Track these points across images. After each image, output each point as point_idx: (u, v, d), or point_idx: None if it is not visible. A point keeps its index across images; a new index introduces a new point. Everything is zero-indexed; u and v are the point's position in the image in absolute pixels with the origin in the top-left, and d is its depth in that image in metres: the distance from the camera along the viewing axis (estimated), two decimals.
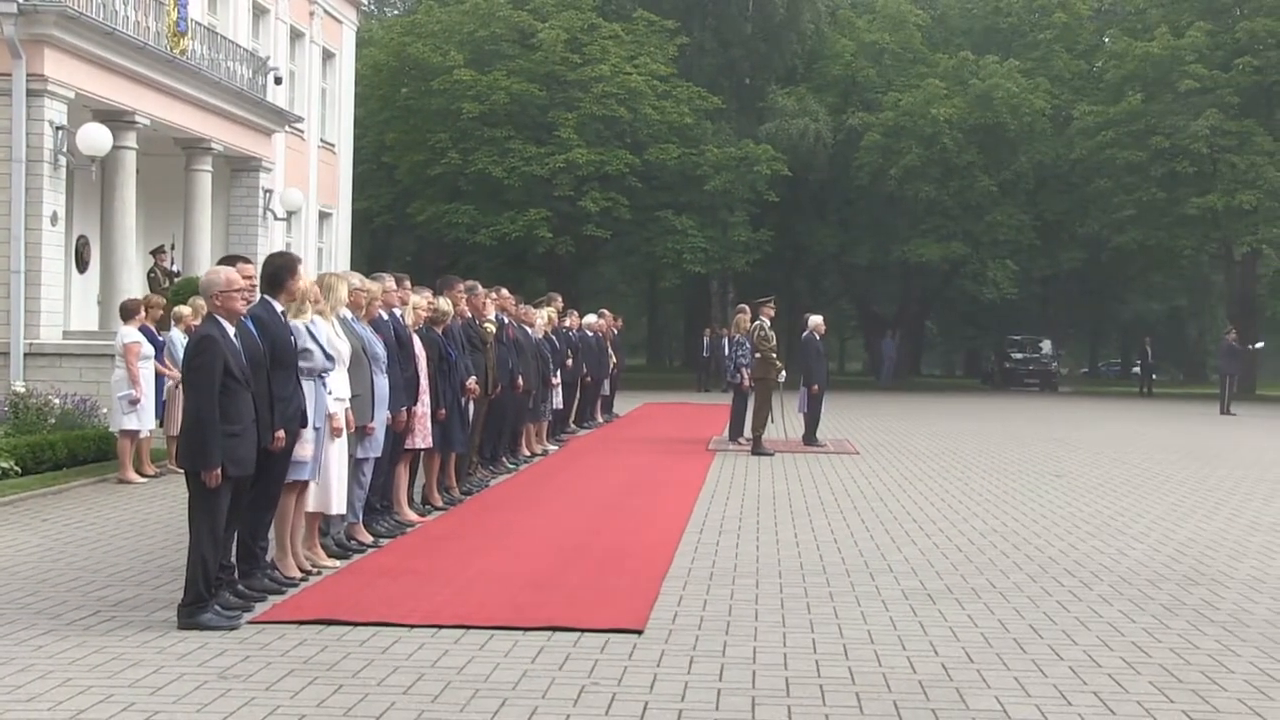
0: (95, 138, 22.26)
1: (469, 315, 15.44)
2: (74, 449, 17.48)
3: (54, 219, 22.34)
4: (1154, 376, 57.78)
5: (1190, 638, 9.05)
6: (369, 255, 49.70)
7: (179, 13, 25.60)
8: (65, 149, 22.26)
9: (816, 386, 23.76)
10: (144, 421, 16.77)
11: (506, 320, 17.64)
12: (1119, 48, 53.14)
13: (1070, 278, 56.86)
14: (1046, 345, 58.86)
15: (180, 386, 12.18)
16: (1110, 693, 7.61)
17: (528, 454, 19.84)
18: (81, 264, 25.98)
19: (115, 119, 23.66)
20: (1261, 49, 49.92)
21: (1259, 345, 48.55)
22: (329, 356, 10.18)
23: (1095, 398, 51.45)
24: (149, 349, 16.81)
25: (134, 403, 16.46)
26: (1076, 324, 67.70)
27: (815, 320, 24.21)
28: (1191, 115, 48.75)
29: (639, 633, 8.79)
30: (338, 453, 10.55)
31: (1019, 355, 57.59)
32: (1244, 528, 14.56)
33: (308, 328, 9.96)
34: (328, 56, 39.64)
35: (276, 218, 32.18)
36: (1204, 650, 8.67)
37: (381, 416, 11.55)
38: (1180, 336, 71.35)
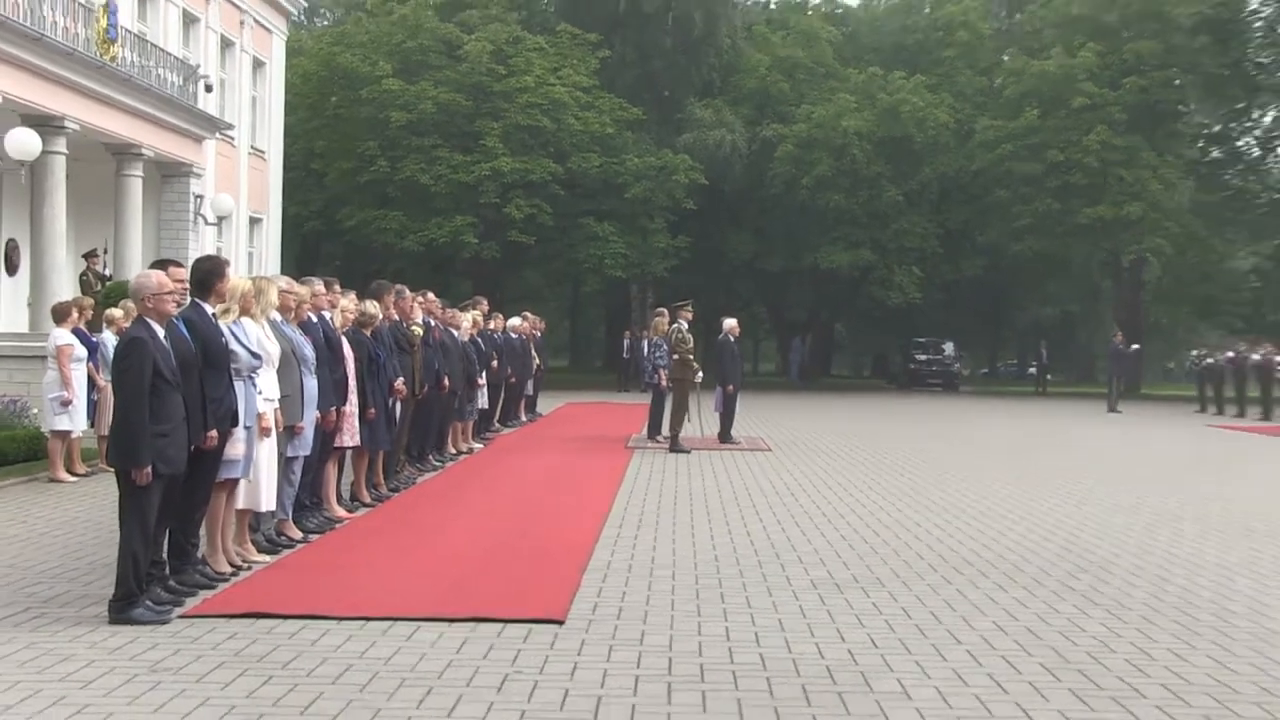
0: (24, 142, 21.95)
1: (396, 318, 15.41)
2: (4, 449, 17.17)
3: None
4: (1048, 377, 58.58)
5: (1077, 621, 9.17)
6: (298, 260, 49.25)
7: (109, 20, 25.33)
8: None
9: (731, 386, 23.84)
10: (75, 422, 16.53)
11: (433, 323, 17.54)
12: (1017, 66, 53.66)
13: (972, 284, 57.31)
14: (949, 347, 59.31)
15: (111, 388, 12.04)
16: (1004, 674, 7.71)
17: (454, 452, 19.78)
18: (10, 267, 25.78)
19: (44, 124, 23.37)
20: (1146, 69, 50.64)
21: (1135, 348, 49.19)
22: (255, 356, 10.07)
23: (994, 397, 51.89)
24: (81, 351, 16.62)
25: (66, 404, 16.25)
26: (977, 327, 68.17)
27: (730, 323, 24.28)
28: (1083, 130, 49.35)
29: (560, 623, 8.79)
30: (268, 451, 10.47)
31: (923, 357, 58.02)
32: (1125, 519, 14.71)
33: (230, 329, 9.84)
34: (258, 65, 39.50)
35: (207, 223, 31.98)
36: (1089, 633, 8.80)
37: (310, 416, 11.50)
38: (1072, 340, 72.10)
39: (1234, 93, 55.01)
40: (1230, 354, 42.18)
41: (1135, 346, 49.76)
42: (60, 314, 17.00)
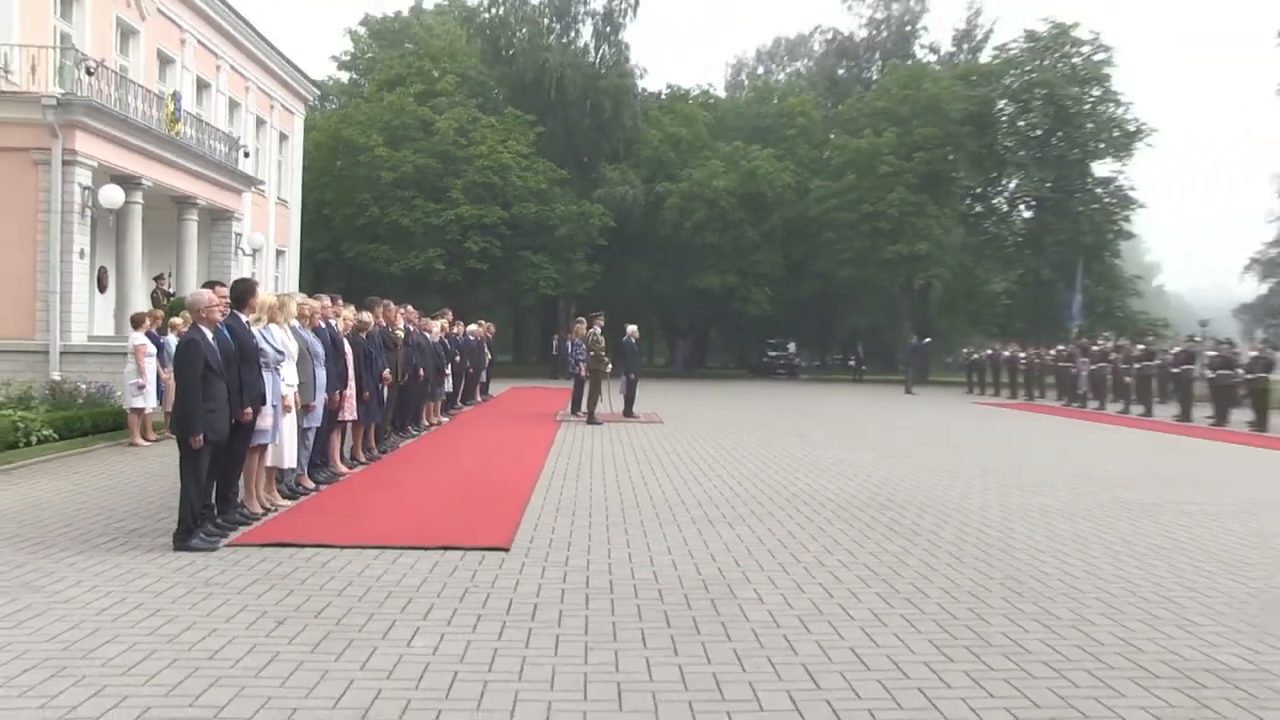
0: (112, 195, 21.97)
1: (384, 325, 15.32)
2: (97, 421, 17.23)
3: (82, 254, 22.04)
4: (863, 368, 59.02)
5: (883, 545, 9.25)
6: (312, 282, 48.62)
7: (175, 105, 25.69)
8: (90, 203, 21.97)
9: (633, 375, 23.86)
10: (147, 401, 16.55)
11: (411, 328, 17.42)
12: (840, 143, 54.08)
13: (808, 300, 57.65)
14: (792, 346, 59.63)
15: (173, 377, 11.89)
16: (831, 584, 7.78)
17: (427, 424, 19.62)
18: (102, 287, 25.55)
19: (127, 182, 23.31)
20: (929, 147, 51.18)
21: (927, 340, 49.85)
22: (279, 352, 10.06)
23: (824, 383, 52.35)
24: (152, 349, 16.63)
25: (140, 388, 16.39)
26: (812, 332, 68.59)
27: (632, 328, 24.28)
28: (886, 190, 49.85)
29: (506, 550, 8.76)
30: (289, 424, 10.39)
31: (773, 353, 58.32)
32: (921, 470, 14.91)
33: (261, 332, 9.84)
34: (283, 138, 39.70)
35: (244, 254, 31.88)
36: (890, 553, 8.89)
37: (321, 397, 11.47)
38: (880, 341, 72.71)
39: (989, 165, 55.86)
40: (989, 351, 42.91)
41: (927, 340, 50.44)
42: (137, 322, 17.17)
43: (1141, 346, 32.00)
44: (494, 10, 56.42)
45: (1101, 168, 55.57)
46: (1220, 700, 5.48)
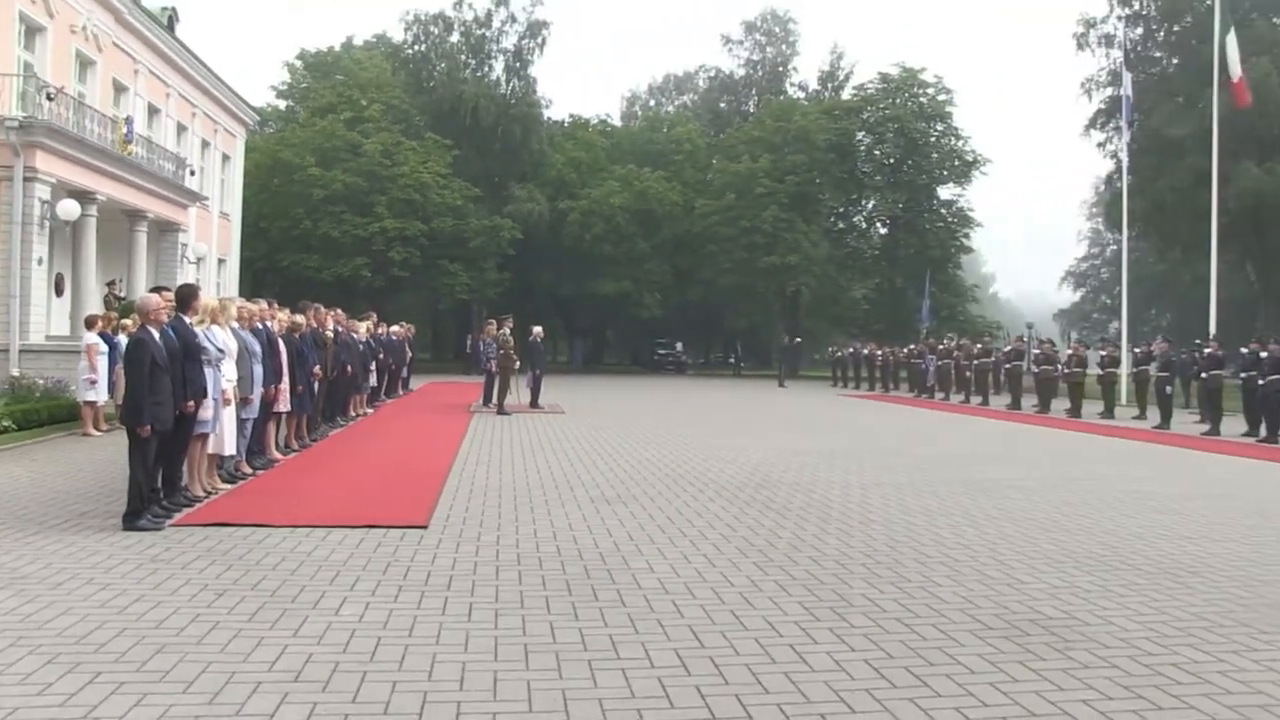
0: (69, 208, 21.70)
1: (315, 326, 15.05)
2: (52, 413, 16.74)
3: (40, 261, 21.72)
4: (742, 365, 59.66)
5: (759, 520, 9.36)
6: (250, 287, 47.64)
7: (127, 128, 25.49)
8: (49, 215, 21.65)
9: (538, 371, 23.81)
10: (99, 395, 16.09)
11: (340, 329, 17.18)
12: (721, 166, 54.58)
13: (694, 304, 57.96)
14: (679, 345, 60.03)
15: (123, 373, 11.57)
16: (714, 555, 7.84)
17: (354, 414, 19.31)
18: (58, 291, 24.96)
19: (83, 196, 22.96)
20: (799, 172, 51.84)
21: (799, 341, 50.50)
22: (220, 351, 9.83)
23: (708, 377, 52.78)
24: (104, 347, 16.16)
25: (92, 383, 15.96)
26: (698, 332, 68.97)
27: (537, 329, 24.20)
28: (762, 209, 50.39)
29: (424, 528, 8.68)
30: (229, 415, 10.15)
31: (663, 351, 58.64)
32: (792, 453, 15.12)
33: (203, 333, 9.60)
34: (225, 158, 39.23)
35: (189, 262, 31.37)
36: (766, 527, 9.00)
37: (258, 391, 11.18)
38: (757, 340, 73.39)
39: (850, 188, 56.63)
40: (851, 349, 43.64)
41: (798, 340, 51.10)
42: (90, 323, 16.77)
43: (980, 345, 32.85)
44: (417, 47, 56.03)
45: (945, 191, 57.04)
46: (1040, 645, 5.68)
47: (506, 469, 12.81)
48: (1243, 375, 20.68)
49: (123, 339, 15.68)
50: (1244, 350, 21.27)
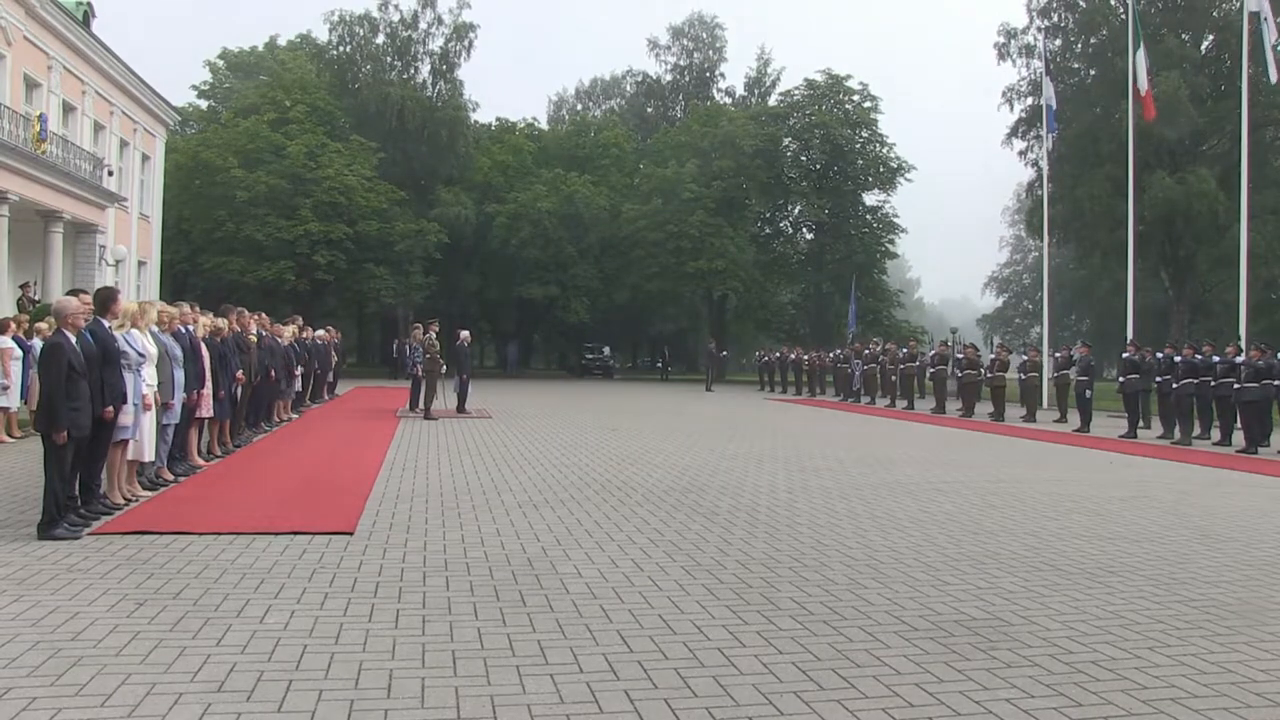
0: None
1: (238, 329, 14.80)
2: None
3: None
4: (669, 369, 59.83)
5: (686, 524, 9.39)
6: (171, 291, 47.01)
7: (41, 126, 25.12)
8: None
9: (465, 375, 23.65)
10: (12, 400, 15.69)
11: (264, 333, 16.90)
12: (649, 171, 54.97)
13: (621, 308, 58.16)
14: (607, 349, 60.00)
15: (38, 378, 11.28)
16: (641, 559, 7.85)
17: (278, 420, 19.03)
18: None
19: None
20: (726, 177, 52.41)
21: (724, 354, 50.84)
22: (140, 355, 9.62)
23: (636, 382, 52.84)
24: (18, 352, 15.79)
25: (5, 388, 15.56)
26: (625, 336, 69.16)
27: (464, 334, 24.08)
28: (689, 214, 50.70)
29: (350, 534, 8.57)
30: (149, 420, 9.95)
31: (591, 355, 58.56)
32: (719, 457, 15.22)
33: (123, 336, 9.39)
34: (145, 158, 38.58)
35: (108, 265, 30.70)
36: (694, 530, 9.04)
37: (179, 396, 10.98)
38: (684, 345, 73.79)
39: (776, 194, 57.20)
40: (778, 354, 44.07)
41: (724, 353, 51.42)
42: (3, 326, 16.23)
43: (905, 350, 33.37)
44: (342, 48, 55.40)
45: (871, 198, 57.93)
46: (965, 645, 5.78)
47: (434, 474, 12.71)
48: (1121, 379, 21.85)
49: (38, 343, 15.36)
50: (1124, 355, 22.35)
